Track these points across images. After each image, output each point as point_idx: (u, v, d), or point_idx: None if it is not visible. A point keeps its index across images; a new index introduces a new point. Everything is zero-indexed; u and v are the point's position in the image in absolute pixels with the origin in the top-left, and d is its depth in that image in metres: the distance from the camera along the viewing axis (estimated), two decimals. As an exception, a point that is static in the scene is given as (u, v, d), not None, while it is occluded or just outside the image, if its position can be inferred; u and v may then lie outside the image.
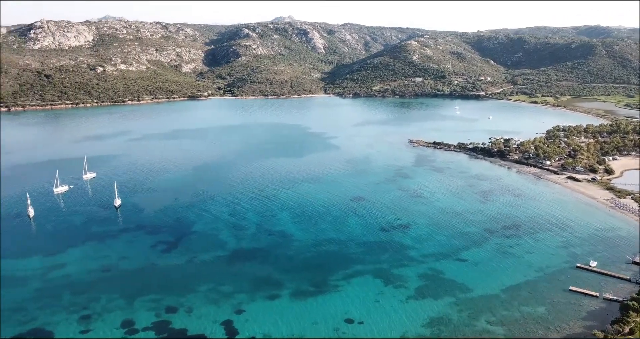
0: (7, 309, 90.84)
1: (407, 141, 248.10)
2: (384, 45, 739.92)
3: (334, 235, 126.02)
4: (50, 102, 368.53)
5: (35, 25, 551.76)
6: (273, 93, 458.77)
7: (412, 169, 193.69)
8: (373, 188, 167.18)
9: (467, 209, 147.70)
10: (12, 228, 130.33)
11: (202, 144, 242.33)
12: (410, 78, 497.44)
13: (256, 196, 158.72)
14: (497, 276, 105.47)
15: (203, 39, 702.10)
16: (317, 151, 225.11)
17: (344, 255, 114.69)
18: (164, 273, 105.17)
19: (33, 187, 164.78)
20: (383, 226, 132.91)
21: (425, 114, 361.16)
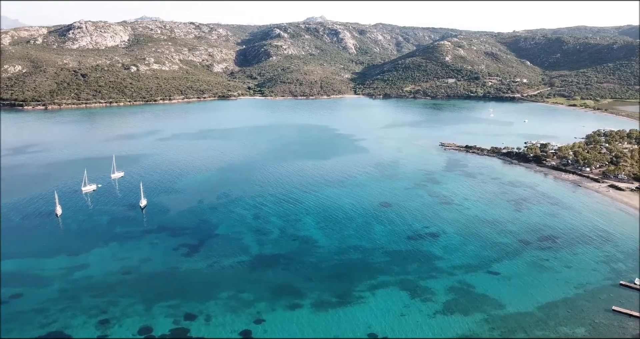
0: (31, 310, 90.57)
1: (438, 144, 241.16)
2: (416, 45, 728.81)
3: (359, 242, 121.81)
4: (85, 101, 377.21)
5: (74, 25, 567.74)
6: (302, 93, 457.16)
7: (442, 174, 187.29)
8: (401, 194, 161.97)
9: (500, 217, 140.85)
10: (39, 226, 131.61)
11: (230, 144, 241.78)
12: (443, 79, 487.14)
13: (281, 198, 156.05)
14: (532, 292, 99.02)
15: (235, 39, 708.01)
16: (344, 154, 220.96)
17: (369, 264, 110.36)
18: (184, 278, 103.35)
19: (63, 185, 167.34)
20: (410, 234, 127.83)
21: (458, 116, 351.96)
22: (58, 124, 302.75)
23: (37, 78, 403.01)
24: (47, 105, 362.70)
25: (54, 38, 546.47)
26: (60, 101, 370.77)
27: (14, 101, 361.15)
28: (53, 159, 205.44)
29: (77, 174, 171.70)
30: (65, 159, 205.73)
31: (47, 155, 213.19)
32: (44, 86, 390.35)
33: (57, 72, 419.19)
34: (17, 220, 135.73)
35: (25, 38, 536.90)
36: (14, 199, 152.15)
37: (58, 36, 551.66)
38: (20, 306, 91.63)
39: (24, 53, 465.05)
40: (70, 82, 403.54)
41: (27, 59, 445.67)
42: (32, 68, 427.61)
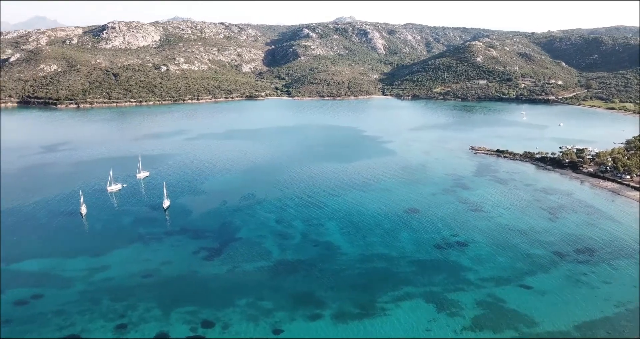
0: (50, 311, 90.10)
1: (468, 148, 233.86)
2: (447, 46, 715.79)
3: (383, 250, 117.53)
4: (115, 100, 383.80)
5: (107, 26, 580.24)
6: (329, 94, 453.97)
7: (472, 180, 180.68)
8: (429, 199, 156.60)
9: (533, 227, 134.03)
10: (64, 226, 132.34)
11: (255, 145, 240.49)
12: (474, 80, 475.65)
13: (304, 202, 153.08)
14: (568, 308, 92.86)
15: (264, 39, 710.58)
16: (370, 156, 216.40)
17: (393, 274, 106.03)
18: (203, 283, 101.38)
19: (89, 184, 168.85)
20: (438, 243, 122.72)
21: (489, 119, 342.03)
22: (89, 123, 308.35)
23: (71, 77, 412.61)
24: (80, 103, 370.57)
25: (88, 38, 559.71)
26: (92, 100, 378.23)
27: (49, 99, 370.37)
28: (81, 158, 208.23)
29: (104, 173, 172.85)
30: (93, 158, 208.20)
31: (76, 153, 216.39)
32: (77, 85, 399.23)
33: (90, 72, 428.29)
34: (43, 219, 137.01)
35: (61, 38, 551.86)
36: (41, 198, 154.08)
37: (92, 36, 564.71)
38: (40, 307, 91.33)
39: (60, 53, 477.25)
40: (102, 82, 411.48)
41: (63, 59, 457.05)
42: (66, 67, 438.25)
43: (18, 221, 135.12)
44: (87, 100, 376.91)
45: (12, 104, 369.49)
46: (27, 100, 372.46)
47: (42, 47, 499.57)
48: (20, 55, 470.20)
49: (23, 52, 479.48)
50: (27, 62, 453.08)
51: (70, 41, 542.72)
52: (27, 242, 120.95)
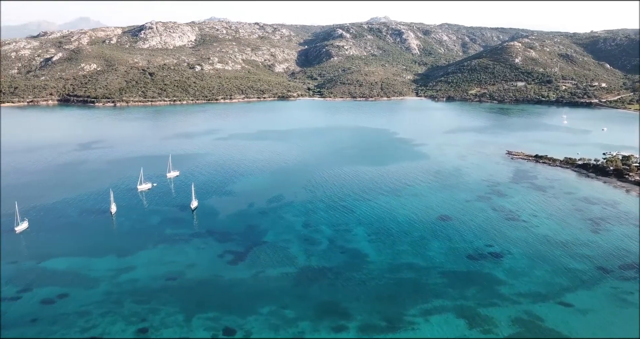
0: (74, 312, 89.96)
1: (505, 152, 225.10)
2: (484, 46, 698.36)
3: (413, 260, 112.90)
4: (150, 99, 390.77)
5: (145, 26, 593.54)
6: (362, 95, 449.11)
7: (508, 186, 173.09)
8: (462, 206, 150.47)
9: (574, 239, 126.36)
10: (94, 224, 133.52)
11: (285, 146, 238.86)
12: (511, 82, 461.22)
13: (333, 206, 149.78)
14: (612, 330, 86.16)
15: (298, 39, 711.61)
16: (402, 160, 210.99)
17: (423, 285, 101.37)
18: (227, 288, 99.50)
19: (120, 183, 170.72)
20: (471, 253, 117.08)
21: (527, 122, 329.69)
22: (124, 121, 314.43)
23: (109, 76, 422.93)
24: (116, 102, 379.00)
25: (127, 38, 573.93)
26: (128, 99, 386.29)
27: (87, 98, 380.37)
28: (114, 156, 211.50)
29: (135, 171, 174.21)
30: (125, 157, 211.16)
31: (110, 151, 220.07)
32: (114, 84, 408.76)
33: (127, 71, 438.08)
34: (74, 216, 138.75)
35: (101, 38, 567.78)
36: (74, 195, 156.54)
37: (131, 36, 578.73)
38: (65, 308, 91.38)
39: (100, 52, 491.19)
40: (139, 81, 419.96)
41: (102, 58, 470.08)
42: (105, 66, 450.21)
43: (50, 217, 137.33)
44: (124, 98, 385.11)
45: (53, 102, 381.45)
46: (67, 98, 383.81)
47: (83, 46, 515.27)
48: (63, 54, 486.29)
49: (65, 52, 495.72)
50: (69, 61, 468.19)
51: (110, 41, 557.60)
52: (58, 240, 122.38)
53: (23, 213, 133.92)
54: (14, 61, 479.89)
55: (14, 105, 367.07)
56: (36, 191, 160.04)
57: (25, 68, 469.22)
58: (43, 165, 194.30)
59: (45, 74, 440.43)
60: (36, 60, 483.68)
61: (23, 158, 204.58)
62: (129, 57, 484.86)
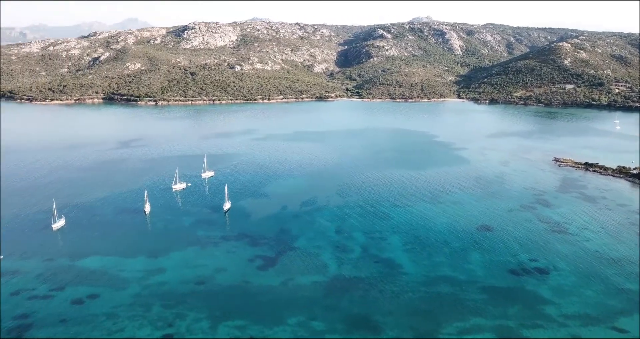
0: (103, 314, 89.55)
1: (552, 159, 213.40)
2: (530, 47, 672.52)
3: (450, 273, 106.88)
4: (191, 98, 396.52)
5: (188, 26, 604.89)
6: (401, 96, 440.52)
7: (555, 196, 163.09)
8: (504, 216, 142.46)
9: (629, 256, 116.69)
10: (128, 223, 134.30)
11: (321, 147, 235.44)
12: (559, 85, 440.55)
13: (367, 211, 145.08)
14: (673, 362, 77.92)
15: (338, 39, 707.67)
16: (441, 164, 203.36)
17: (460, 301, 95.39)
18: (255, 295, 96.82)
19: (156, 181, 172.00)
20: (513, 268, 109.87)
21: (576, 127, 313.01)
22: (164, 120, 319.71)
23: (152, 75, 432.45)
24: (158, 101, 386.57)
25: (170, 38, 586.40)
26: (169, 98, 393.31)
27: (130, 96, 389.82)
28: (152, 155, 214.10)
29: (171, 171, 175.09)
30: (162, 155, 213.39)
31: (148, 150, 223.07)
32: (156, 83, 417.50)
33: (169, 70, 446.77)
34: (109, 215, 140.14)
35: (146, 38, 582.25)
36: (110, 193, 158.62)
37: (174, 36, 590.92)
38: (94, 309, 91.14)
39: (144, 52, 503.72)
40: (180, 80, 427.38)
41: (146, 58, 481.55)
42: (149, 66, 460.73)
43: (87, 215, 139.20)
44: (165, 97, 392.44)
45: (98, 100, 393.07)
46: (111, 96, 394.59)
47: (129, 46, 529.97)
48: (110, 54, 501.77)
49: (112, 51, 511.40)
50: (115, 60, 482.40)
51: (154, 41, 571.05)
52: (92, 238, 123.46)
53: (61, 210, 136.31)
54: (64, 60, 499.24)
55: (62, 103, 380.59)
56: (75, 188, 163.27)
57: (75, 67, 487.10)
58: (84, 162, 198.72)
59: (92, 73, 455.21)
60: (85, 59, 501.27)
61: (66, 155, 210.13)
62: (172, 57, 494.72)
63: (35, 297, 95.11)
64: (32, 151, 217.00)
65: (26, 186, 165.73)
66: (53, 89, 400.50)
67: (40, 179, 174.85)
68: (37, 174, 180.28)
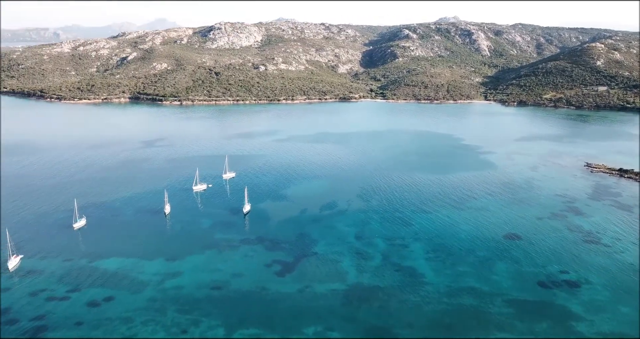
0: (117, 317, 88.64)
1: (583, 164, 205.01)
2: (560, 48, 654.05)
3: (475, 283, 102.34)
4: (215, 98, 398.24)
5: (214, 26, 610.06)
6: (427, 97, 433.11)
7: (587, 204, 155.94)
8: (533, 224, 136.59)
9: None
10: (147, 224, 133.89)
11: (343, 149, 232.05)
12: (592, 87, 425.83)
13: (389, 216, 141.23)
14: None
15: (363, 39, 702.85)
16: (467, 169, 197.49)
17: (485, 315, 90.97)
18: (271, 302, 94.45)
19: (177, 182, 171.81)
20: (542, 280, 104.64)
21: (609, 131, 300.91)
22: (188, 120, 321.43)
23: (177, 75, 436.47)
24: (182, 101, 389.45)
25: (196, 38, 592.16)
26: (194, 98, 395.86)
27: (155, 96, 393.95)
28: (175, 155, 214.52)
29: (192, 171, 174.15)
30: (185, 155, 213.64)
31: (171, 150, 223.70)
32: (182, 83, 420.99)
33: (195, 70, 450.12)
34: (129, 215, 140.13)
35: (173, 38, 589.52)
36: (131, 193, 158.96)
37: (200, 37, 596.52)
38: (109, 312, 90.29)
39: (171, 52, 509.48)
40: (205, 80, 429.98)
41: (172, 58, 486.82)
42: (175, 66, 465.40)
43: (107, 215, 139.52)
44: (189, 97, 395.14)
45: (125, 100, 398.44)
46: (137, 96, 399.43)
47: (156, 46, 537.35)
48: (137, 54, 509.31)
49: (139, 51, 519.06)
50: (142, 60, 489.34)
51: (181, 41, 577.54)
52: (112, 239, 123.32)
53: (82, 210, 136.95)
54: (93, 60, 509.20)
55: (89, 102, 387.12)
56: (97, 188, 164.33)
57: (103, 67, 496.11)
58: (108, 162, 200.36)
59: (120, 72, 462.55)
60: (113, 59, 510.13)
61: (91, 154, 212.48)
62: (197, 57, 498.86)
63: (52, 298, 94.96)
64: (59, 149, 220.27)
65: (50, 185, 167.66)
66: (81, 88, 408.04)
67: (65, 177, 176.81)
68: (61, 173, 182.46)
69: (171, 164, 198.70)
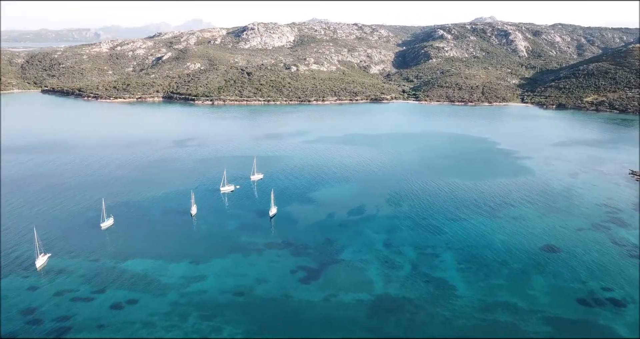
0: (139, 321, 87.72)
1: (628, 172, 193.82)
2: (603, 48, 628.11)
3: (509, 298, 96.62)
4: (246, 98, 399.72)
5: (247, 27, 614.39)
6: (461, 99, 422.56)
7: (632, 215, 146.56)
8: (573, 236, 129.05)
9: None
10: (173, 225, 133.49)
11: (373, 152, 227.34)
12: (637, 89, 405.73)
13: (419, 223, 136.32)
14: None
15: (396, 40, 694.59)
16: (502, 174, 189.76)
17: (520, 333, 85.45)
18: (295, 311, 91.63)
19: (205, 182, 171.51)
20: (583, 297, 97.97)
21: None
22: (218, 120, 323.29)
23: (210, 75, 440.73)
24: (214, 100, 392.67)
25: (230, 38, 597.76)
26: (225, 98, 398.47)
27: (188, 96, 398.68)
28: (204, 155, 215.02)
29: (220, 172, 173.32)
30: (214, 156, 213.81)
31: (200, 150, 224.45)
32: (214, 83, 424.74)
33: (227, 70, 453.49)
34: (157, 215, 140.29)
35: (207, 38, 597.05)
36: (159, 193, 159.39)
37: (234, 37, 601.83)
38: (132, 315, 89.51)
39: (204, 52, 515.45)
40: (237, 80, 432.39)
41: (206, 58, 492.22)
42: (208, 66, 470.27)
43: (135, 215, 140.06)
44: (221, 97, 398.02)
45: (158, 99, 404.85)
46: (170, 95, 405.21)
47: (191, 46, 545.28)
48: (172, 54, 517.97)
49: (174, 51, 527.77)
50: (176, 60, 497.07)
51: (215, 41, 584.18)
52: (138, 240, 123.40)
53: (110, 209, 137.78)
54: (130, 60, 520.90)
55: (124, 101, 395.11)
56: (126, 187, 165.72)
57: (139, 66, 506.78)
58: (138, 161, 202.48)
59: (155, 72, 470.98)
60: (149, 59, 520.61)
61: (123, 153, 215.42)
62: (230, 57, 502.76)
63: (77, 299, 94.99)
64: (92, 147, 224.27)
65: (82, 183, 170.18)
66: (117, 87, 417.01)
67: (95, 176, 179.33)
68: (93, 171, 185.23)
69: (200, 164, 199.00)
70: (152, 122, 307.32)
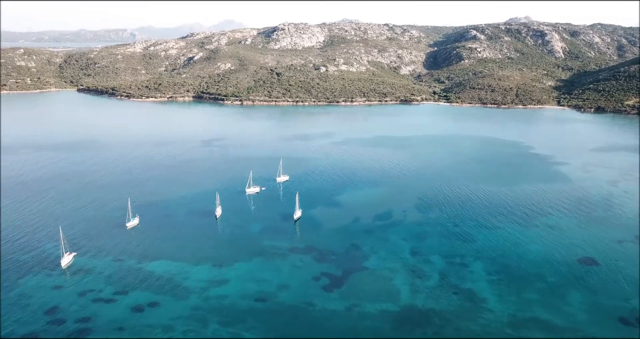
0: (159, 325, 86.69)
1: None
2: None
3: (544, 314, 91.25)
4: (275, 99, 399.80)
5: (278, 27, 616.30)
6: (493, 101, 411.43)
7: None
8: (614, 248, 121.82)
9: None
10: (198, 227, 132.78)
11: (402, 155, 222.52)
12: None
13: (448, 231, 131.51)
14: None
15: (427, 40, 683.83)
16: (536, 180, 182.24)
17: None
18: (316, 320, 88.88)
19: (231, 183, 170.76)
20: (625, 316, 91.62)
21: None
22: (247, 120, 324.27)
23: (240, 75, 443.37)
24: (243, 101, 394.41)
25: (260, 39, 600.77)
26: (254, 98, 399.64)
27: (217, 95, 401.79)
28: (231, 156, 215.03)
29: (247, 173, 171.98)
30: (241, 156, 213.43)
31: (228, 150, 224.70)
32: (243, 83, 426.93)
33: (257, 71, 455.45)
34: (181, 216, 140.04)
35: (238, 39, 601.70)
36: (185, 193, 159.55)
37: (264, 37, 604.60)
38: (152, 318, 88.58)
39: (235, 52, 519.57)
40: (266, 80, 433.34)
41: (236, 58, 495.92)
42: (238, 66, 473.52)
43: (160, 215, 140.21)
44: (250, 97, 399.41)
45: (189, 98, 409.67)
46: (200, 95, 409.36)
47: (222, 47, 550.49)
48: (203, 54, 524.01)
49: (205, 52, 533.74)
50: (208, 60, 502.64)
51: (245, 42, 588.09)
52: (162, 241, 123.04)
53: (136, 209, 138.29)
54: (162, 60, 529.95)
55: (156, 100, 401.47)
56: (153, 187, 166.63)
57: (171, 66, 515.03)
58: (166, 160, 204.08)
59: (186, 72, 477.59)
60: (181, 59, 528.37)
61: (152, 152, 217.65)
62: (260, 58, 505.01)
63: (99, 299, 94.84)
64: (124, 146, 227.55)
65: (110, 182, 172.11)
66: (149, 86, 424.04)
67: (124, 175, 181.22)
68: (122, 170, 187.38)
69: (227, 164, 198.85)
70: (181, 122, 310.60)
